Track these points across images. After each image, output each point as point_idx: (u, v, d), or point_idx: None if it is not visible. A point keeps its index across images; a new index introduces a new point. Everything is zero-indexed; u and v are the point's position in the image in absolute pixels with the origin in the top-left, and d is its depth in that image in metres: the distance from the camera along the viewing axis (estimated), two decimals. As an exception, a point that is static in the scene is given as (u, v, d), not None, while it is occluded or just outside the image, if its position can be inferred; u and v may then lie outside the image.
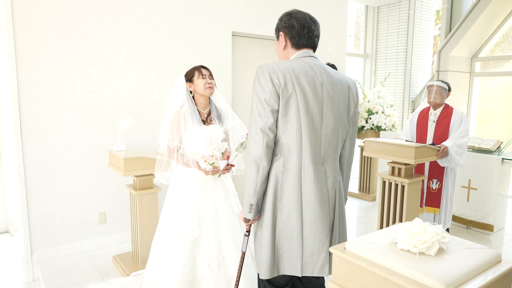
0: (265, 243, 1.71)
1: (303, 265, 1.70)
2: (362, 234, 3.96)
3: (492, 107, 5.38)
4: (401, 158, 2.95)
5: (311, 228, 1.67)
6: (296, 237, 1.68)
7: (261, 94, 1.62)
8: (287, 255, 1.71)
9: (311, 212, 1.67)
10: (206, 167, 2.24)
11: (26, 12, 2.89)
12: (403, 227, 1.14)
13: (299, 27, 1.71)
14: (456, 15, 5.38)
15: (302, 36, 1.72)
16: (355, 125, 1.84)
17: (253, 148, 1.64)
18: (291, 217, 1.68)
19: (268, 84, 1.60)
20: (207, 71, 2.41)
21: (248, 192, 1.69)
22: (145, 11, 3.41)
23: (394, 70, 6.02)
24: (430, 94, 3.39)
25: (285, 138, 1.64)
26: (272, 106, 1.60)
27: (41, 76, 3.01)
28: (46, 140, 3.06)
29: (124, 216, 3.49)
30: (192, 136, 2.32)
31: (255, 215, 1.71)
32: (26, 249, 3.03)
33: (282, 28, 1.76)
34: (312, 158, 1.65)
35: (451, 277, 0.97)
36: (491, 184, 3.86)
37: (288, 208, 1.67)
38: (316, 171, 1.66)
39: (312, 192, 1.66)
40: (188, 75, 2.41)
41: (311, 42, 1.75)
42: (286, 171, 1.66)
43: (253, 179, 1.65)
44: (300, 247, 1.69)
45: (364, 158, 5.21)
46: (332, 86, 1.69)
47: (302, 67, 1.65)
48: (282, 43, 1.77)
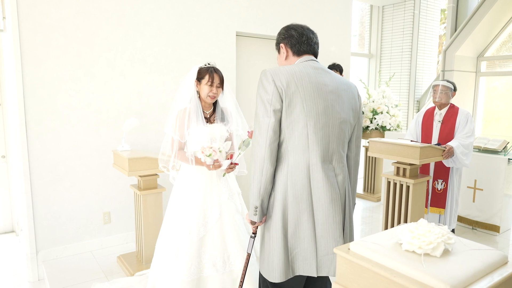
0: (276, 245, 1.68)
1: (318, 264, 1.69)
2: (367, 234, 3.95)
3: (498, 107, 5.33)
4: (406, 159, 2.93)
5: (323, 226, 1.66)
6: (309, 237, 1.67)
7: (264, 95, 1.63)
8: (301, 256, 1.69)
9: (322, 211, 1.65)
10: (205, 159, 2.23)
11: (31, 12, 2.91)
12: (408, 228, 1.13)
13: (298, 35, 1.76)
14: (462, 14, 5.34)
15: (301, 43, 1.75)
16: (359, 127, 1.85)
17: (256, 150, 1.65)
18: (303, 217, 1.66)
19: (271, 85, 1.61)
20: (218, 79, 2.35)
21: (252, 195, 1.69)
22: (149, 11, 3.41)
23: (399, 70, 6.00)
24: (436, 94, 3.36)
25: (291, 138, 1.65)
26: (274, 106, 1.61)
27: (46, 76, 3.02)
28: (51, 140, 3.08)
29: (128, 216, 3.50)
30: (195, 134, 2.32)
31: (260, 217, 1.71)
32: (32, 249, 3.05)
33: (282, 40, 1.80)
34: (320, 156, 1.65)
35: (456, 278, 0.96)
36: (497, 184, 3.82)
37: (299, 208, 1.66)
38: (325, 168, 1.65)
39: (322, 190, 1.65)
40: (200, 73, 2.36)
41: (311, 48, 1.78)
42: (294, 171, 1.65)
43: (257, 181, 1.66)
44: (314, 247, 1.67)
45: (369, 158, 5.18)
46: (335, 86, 1.70)
47: (305, 69, 1.67)
48: (284, 53, 1.80)
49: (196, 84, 2.36)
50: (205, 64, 2.40)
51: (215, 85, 2.33)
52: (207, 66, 2.37)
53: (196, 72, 2.37)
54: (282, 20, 4.14)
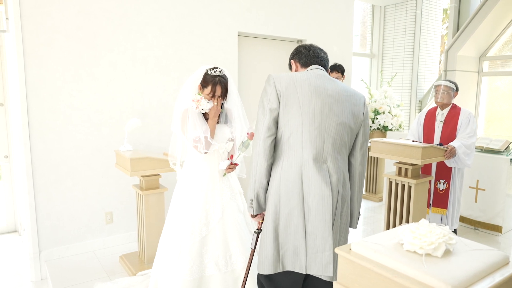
0: (266, 238, 1.75)
1: (308, 262, 1.71)
2: (368, 235, 3.95)
3: (501, 107, 5.32)
4: (408, 159, 2.93)
5: (313, 223, 1.69)
6: (300, 233, 1.70)
7: (264, 97, 1.73)
8: (292, 251, 1.73)
9: (312, 207, 1.68)
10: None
11: (33, 13, 2.92)
12: (410, 228, 1.14)
13: (305, 50, 1.87)
14: (464, 14, 5.33)
15: (308, 56, 1.85)
16: (365, 135, 1.84)
17: (254, 146, 1.75)
18: (293, 213, 1.70)
19: (271, 87, 1.71)
20: (220, 91, 2.27)
21: (249, 188, 1.79)
22: (151, 12, 3.42)
23: (401, 70, 5.99)
24: (438, 94, 3.36)
25: (288, 136, 1.70)
26: (271, 105, 1.69)
27: (49, 76, 3.03)
28: (53, 140, 3.09)
29: (130, 215, 3.51)
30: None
31: (256, 210, 1.79)
32: (34, 248, 3.06)
33: (292, 58, 1.92)
34: (313, 154, 1.68)
35: (457, 279, 0.96)
36: (500, 185, 3.82)
37: (290, 204, 1.70)
38: (317, 167, 1.68)
39: (313, 187, 1.68)
40: (205, 80, 2.28)
41: (318, 60, 1.85)
42: (287, 167, 1.71)
43: (252, 175, 1.76)
44: (304, 243, 1.70)
45: (371, 158, 5.18)
46: (337, 91, 1.74)
47: (308, 76, 1.74)
48: (294, 68, 1.91)
49: (199, 87, 2.32)
50: (212, 68, 2.29)
51: (216, 97, 2.28)
52: (213, 74, 2.26)
53: (202, 76, 2.29)
54: (283, 20, 4.14)
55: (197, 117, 2.29)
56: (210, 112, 2.30)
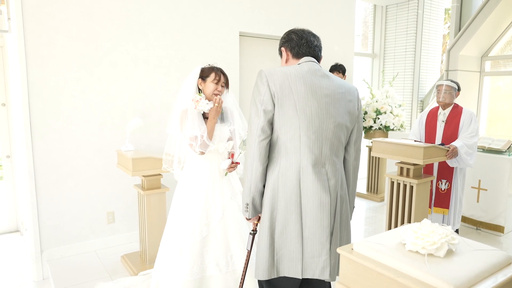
0: (262, 243, 1.71)
1: (304, 267, 1.68)
2: (370, 235, 3.94)
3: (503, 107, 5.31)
4: (409, 159, 2.92)
5: (310, 229, 1.65)
6: (296, 238, 1.67)
7: (257, 96, 1.65)
8: (287, 257, 1.69)
9: (310, 214, 1.65)
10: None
11: (35, 13, 2.92)
12: (412, 228, 1.13)
13: (297, 38, 1.76)
14: (466, 14, 5.32)
15: (301, 45, 1.75)
16: (359, 131, 1.82)
17: (247, 149, 1.69)
18: (291, 219, 1.66)
19: (264, 86, 1.63)
20: (225, 78, 2.37)
21: (244, 192, 1.74)
22: (153, 12, 3.43)
23: (403, 70, 5.98)
24: (439, 93, 3.35)
25: (284, 139, 1.65)
26: (265, 107, 1.62)
27: (51, 77, 3.04)
28: (55, 140, 3.10)
29: (132, 215, 3.51)
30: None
31: (252, 214, 1.75)
32: (36, 248, 3.07)
33: (282, 44, 1.82)
34: (312, 159, 1.64)
35: (460, 279, 0.96)
36: (502, 184, 3.81)
37: (287, 209, 1.66)
38: (316, 171, 1.64)
39: (312, 193, 1.64)
40: (204, 72, 2.36)
41: (310, 51, 1.77)
42: (285, 172, 1.66)
43: (248, 179, 1.70)
44: (300, 248, 1.67)
45: (372, 158, 5.17)
46: (332, 89, 1.68)
47: (301, 71, 1.66)
48: (284, 57, 1.81)
49: (200, 82, 2.36)
50: (208, 64, 2.41)
51: (221, 83, 2.34)
52: (211, 66, 2.38)
53: (199, 72, 2.37)
54: (285, 20, 4.14)
55: (196, 117, 2.29)
56: (210, 113, 2.30)
